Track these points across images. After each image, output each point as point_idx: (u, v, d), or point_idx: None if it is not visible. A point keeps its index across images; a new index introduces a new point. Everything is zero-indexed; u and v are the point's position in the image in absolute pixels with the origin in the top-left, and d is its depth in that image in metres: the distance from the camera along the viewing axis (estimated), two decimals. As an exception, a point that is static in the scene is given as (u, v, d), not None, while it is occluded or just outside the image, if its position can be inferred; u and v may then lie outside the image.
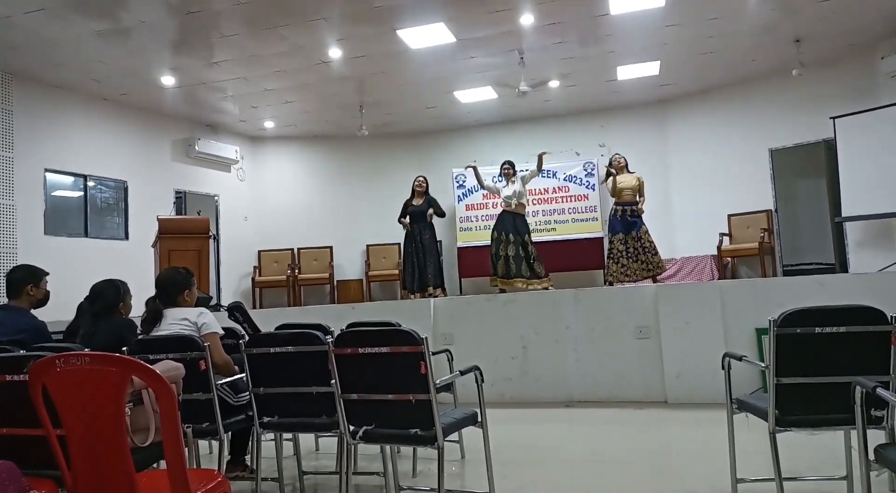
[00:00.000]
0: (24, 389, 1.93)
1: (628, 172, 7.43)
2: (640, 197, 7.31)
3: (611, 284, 7.14)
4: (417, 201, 7.75)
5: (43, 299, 3.69)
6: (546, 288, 6.90)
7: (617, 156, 7.51)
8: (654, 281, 7.07)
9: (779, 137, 8.66)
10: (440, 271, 7.72)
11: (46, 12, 5.81)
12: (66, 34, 6.32)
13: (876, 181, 7.35)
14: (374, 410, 2.65)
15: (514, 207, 7.16)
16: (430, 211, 7.64)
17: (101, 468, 1.84)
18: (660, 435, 4.36)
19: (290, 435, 3.60)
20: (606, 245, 7.40)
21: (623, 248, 7.08)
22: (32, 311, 3.66)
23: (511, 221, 7.12)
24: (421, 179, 7.84)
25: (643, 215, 7.31)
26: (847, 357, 2.40)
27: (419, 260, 7.55)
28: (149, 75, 7.60)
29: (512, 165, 7.39)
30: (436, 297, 7.16)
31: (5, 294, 3.68)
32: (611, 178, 7.41)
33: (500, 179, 7.58)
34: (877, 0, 6.51)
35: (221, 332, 3.27)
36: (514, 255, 6.98)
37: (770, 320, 2.43)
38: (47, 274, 3.74)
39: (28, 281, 3.60)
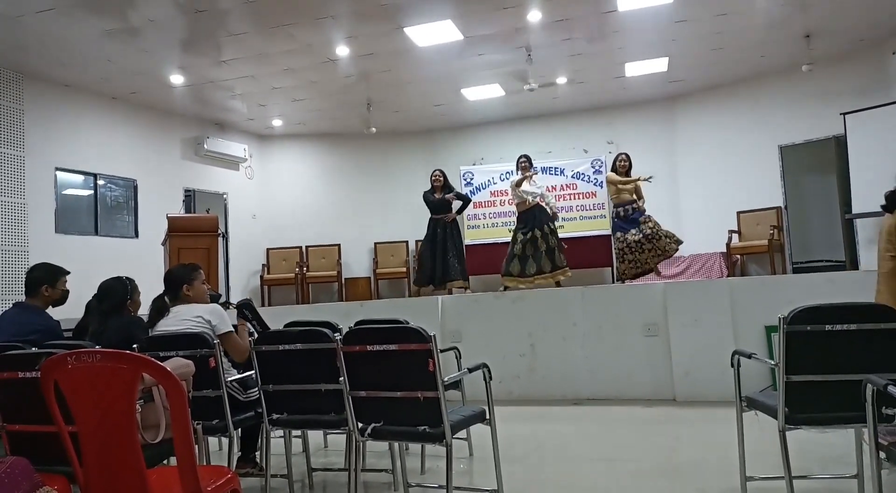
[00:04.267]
0: (36, 386, 1.95)
1: (629, 174, 7.22)
2: (640, 199, 7.14)
3: (622, 281, 7.09)
4: (438, 195, 7.66)
5: (60, 299, 3.70)
6: (559, 281, 6.88)
7: (622, 158, 7.23)
8: (658, 267, 7.02)
9: (788, 134, 8.61)
10: (464, 266, 7.66)
11: (56, 12, 5.84)
12: (76, 34, 6.36)
13: (886, 177, 7.26)
14: (382, 407, 2.66)
15: (529, 203, 7.13)
16: (454, 203, 7.59)
17: (112, 465, 1.86)
18: (668, 433, 4.35)
19: (299, 432, 3.62)
20: (614, 245, 7.32)
21: (625, 246, 7.01)
22: (48, 309, 3.68)
23: (535, 216, 7.10)
24: (437, 173, 7.76)
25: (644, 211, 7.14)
26: (858, 355, 2.38)
27: (440, 253, 7.46)
28: (158, 74, 7.64)
29: (529, 159, 7.31)
30: (462, 290, 7.16)
31: (24, 292, 3.69)
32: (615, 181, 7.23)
33: (516, 173, 7.47)
34: (888, -5, 6.46)
35: (231, 329, 3.29)
36: (532, 253, 6.96)
37: (780, 318, 2.41)
38: (67, 273, 3.75)
39: (44, 281, 3.62)
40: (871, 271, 6.80)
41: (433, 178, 7.75)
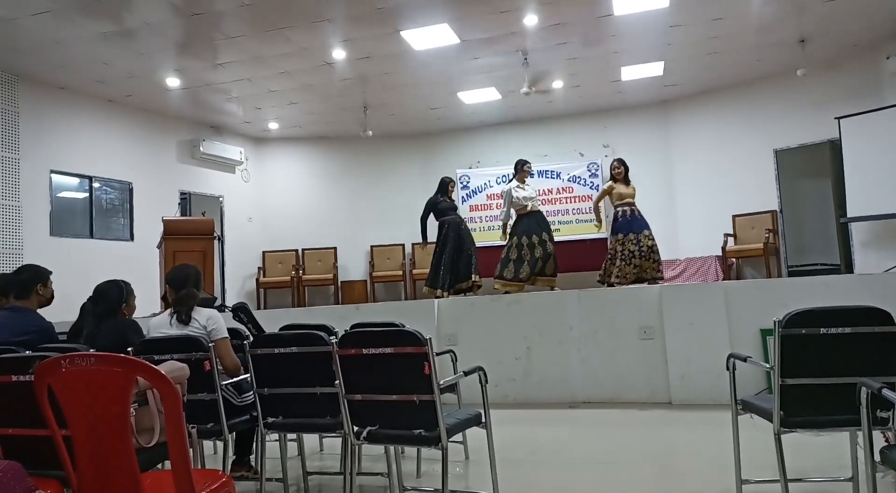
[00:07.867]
0: (29, 389, 1.94)
1: (624, 182, 7.10)
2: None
3: (611, 285, 7.06)
4: (446, 200, 7.42)
5: (49, 299, 3.70)
6: (552, 288, 6.87)
7: (616, 164, 7.12)
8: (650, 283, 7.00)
9: (783, 138, 8.64)
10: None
11: (52, 14, 5.84)
12: (72, 36, 6.35)
13: (881, 181, 7.32)
14: (378, 410, 2.65)
15: (529, 208, 7.10)
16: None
17: (106, 469, 1.85)
18: (664, 437, 4.35)
19: (294, 436, 3.60)
20: (609, 245, 7.29)
21: (620, 249, 6.97)
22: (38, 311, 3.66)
23: (536, 222, 7.05)
24: (454, 183, 7.62)
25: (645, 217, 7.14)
26: (852, 358, 2.38)
27: (460, 252, 7.25)
28: (153, 77, 7.63)
29: (530, 165, 7.26)
30: (478, 287, 7.10)
31: (13, 295, 3.67)
32: (609, 188, 7.17)
33: (511, 178, 7.39)
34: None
35: (226, 336, 3.28)
36: (541, 255, 6.90)
37: (775, 321, 2.42)
38: (51, 273, 3.76)
39: (37, 280, 3.61)
40: (865, 274, 6.83)
41: (451, 185, 7.47)
